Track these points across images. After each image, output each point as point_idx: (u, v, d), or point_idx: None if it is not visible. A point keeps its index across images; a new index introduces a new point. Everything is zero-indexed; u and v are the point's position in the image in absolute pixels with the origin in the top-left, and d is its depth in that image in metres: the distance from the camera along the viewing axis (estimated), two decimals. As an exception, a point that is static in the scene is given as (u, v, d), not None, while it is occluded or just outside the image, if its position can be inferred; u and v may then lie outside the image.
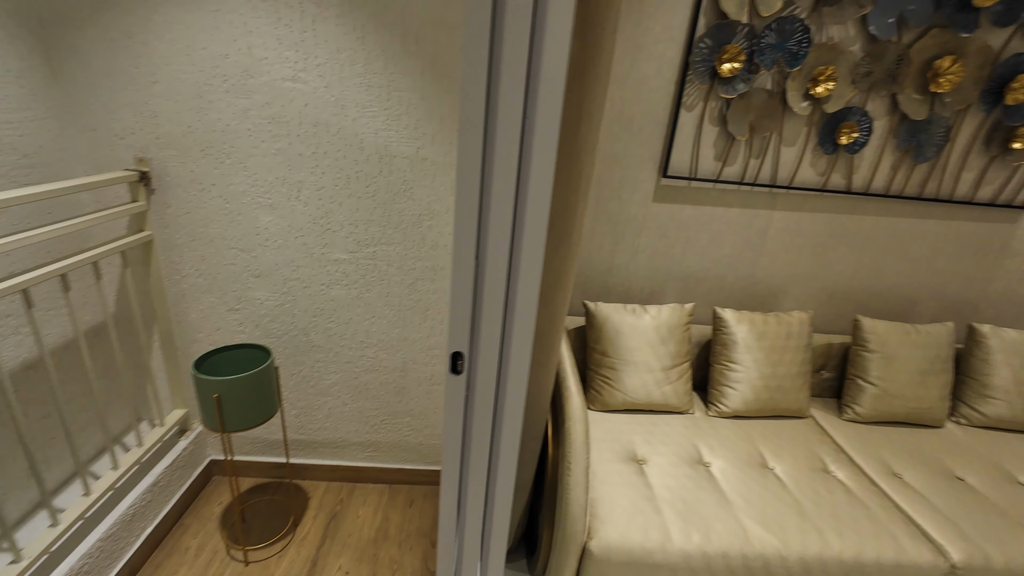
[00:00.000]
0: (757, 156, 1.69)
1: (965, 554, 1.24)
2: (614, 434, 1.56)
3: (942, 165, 1.71)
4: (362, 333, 1.74)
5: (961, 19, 1.51)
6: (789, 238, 1.82)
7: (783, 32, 1.51)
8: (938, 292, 1.92)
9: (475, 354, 0.68)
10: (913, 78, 1.58)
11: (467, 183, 0.62)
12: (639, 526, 1.22)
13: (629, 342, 1.65)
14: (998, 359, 1.76)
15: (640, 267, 1.85)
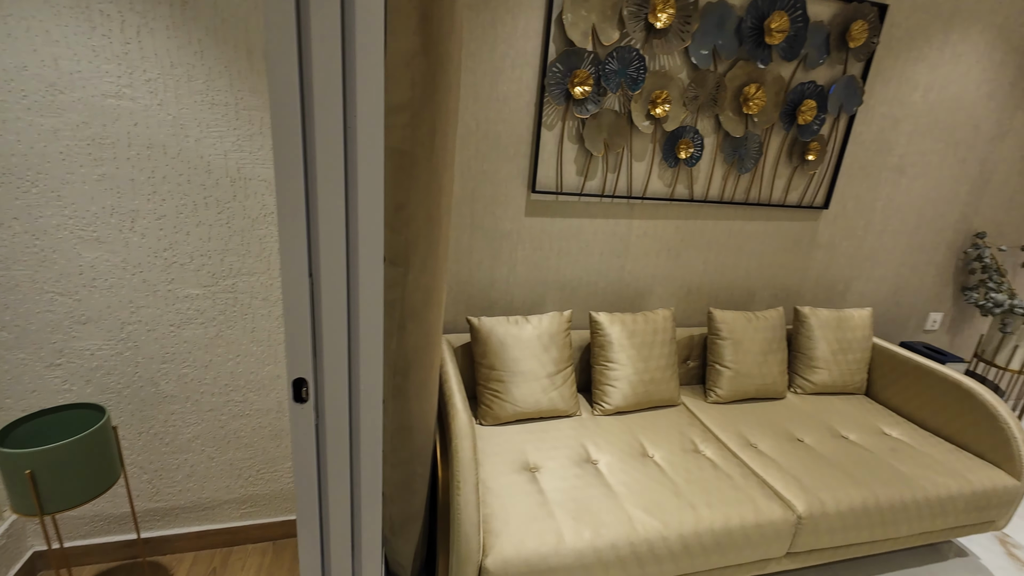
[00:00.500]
0: (613, 170, 1.85)
1: (807, 505, 1.44)
2: (506, 446, 1.57)
3: (760, 175, 2.02)
4: (226, 375, 1.56)
5: (758, 53, 1.80)
6: (648, 243, 2.01)
7: (623, 60, 1.68)
8: (770, 282, 2.24)
9: (321, 379, 0.64)
10: (730, 102, 1.85)
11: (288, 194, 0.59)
12: (534, 534, 1.24)
13: (514, 353, 1.69)
14: (817, 335, 2.09)
15: (519, 279, 1.91)
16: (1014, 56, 2.17)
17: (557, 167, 1.79)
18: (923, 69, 2.06)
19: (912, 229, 2.36)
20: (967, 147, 2.28)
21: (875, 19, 1.89)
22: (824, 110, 1.95)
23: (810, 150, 2.01)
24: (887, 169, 2.20)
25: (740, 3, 1.75)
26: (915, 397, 1.97)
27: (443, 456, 1.35)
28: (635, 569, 1.27)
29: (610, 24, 1.65)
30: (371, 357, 0.67)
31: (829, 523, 1.45)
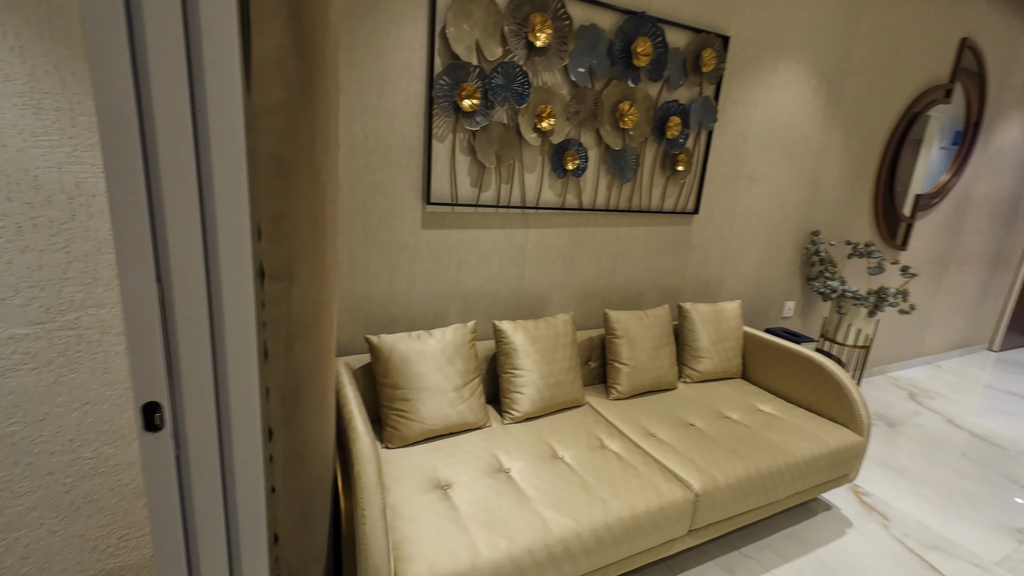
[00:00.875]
0: (506, 181, 1.89)
1: (702, 482, 1.56)
2: (416, 466, 1.50)
3: (639, 184, 2.20)
4: (71, 428, 1.32)
5: (628, 73, 1.98)
6: (544, 251, 2.08)
7: (508, 75, 1.74)
8: (655, 282, 2.43)
9: (179, 402, 0.55)
10: (607, 117, 2.00)
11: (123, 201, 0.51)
12: (447, 552, 1.19)
13: (418, 368, 1.63)
14: (699, 327, 2.30)
15: (420, 293, 1.86)
16: (825, 83, 2.62)
17: (451, 178, 1.79)
18: (762, 92, 2.41)
19: (766, 230, 2.71)
20: (800, 159, 2.69)
21: (721, 48, 2.17)
22: (687, 126, 2.19)
23: (679, 161, 2.23)
24: (742, 178, 2.51)
25: (609, 27, 1.91)
26: (780, 375, 2.24)
27: (345, 485, 1.25)
28: (551, 571, 1.28)
29: (493, 40, 1.70)
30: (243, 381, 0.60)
31: (721, 496, 1.57)
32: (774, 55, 2.38)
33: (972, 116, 3.38)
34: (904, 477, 2.39)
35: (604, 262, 2.24)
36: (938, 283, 3.80)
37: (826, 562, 1.81)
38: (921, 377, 3.78)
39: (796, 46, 2.43)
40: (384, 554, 1.09)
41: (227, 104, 0.53)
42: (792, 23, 2.37)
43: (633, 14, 1.91)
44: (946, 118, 3.28)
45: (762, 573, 1.73)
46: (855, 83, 2.72)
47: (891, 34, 2.74)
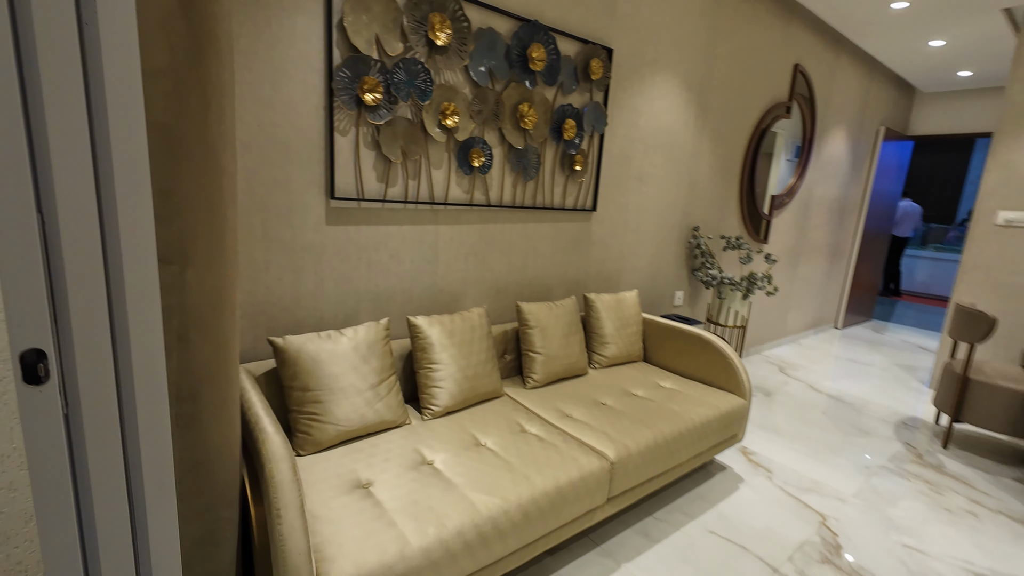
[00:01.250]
0: (414, 177, 1.89)
1: (616, 452, 1.66)
2: (332, 471, 1.43)
3: (542, 182, 2.32)
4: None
5: (525, 76, 2.09)
6: (456, 248, 2.10)
7: (410, 71, 1.76)
8: (562, 275, 2.56)
9: (68, 352, 0.48)
10: (509, 117, 2.09)
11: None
12: (374, 546, 1.14)
13: (331, 369, 1.56)
14: (603, 315, 2.45)
15: (328, 293, 1.79)
16: (694, 96, 2.98)
17: (356, 173, 1.75)
18: (643, 101, 2.67)
19: (654, 227, 2.99)
20: (679, 163, 3.01)
21: (606, 59, 2.38)
22: (582, 129, 2.36)
23: (576, 162, 2.39)
24: (631, 179, 2.75)
25: (506, 32, 2.01)
26: (676, 355, 2.47)
27: (255, 492, 1.15)
28: (482, 551, 1.28)
29: (393, 36, 1.71)
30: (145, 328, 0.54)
31: (634, 462, 1.69)
32: (652, 68, 2.66)
33: (807, 132, 4.03)
34: (780, 436, 2.74)
35: (514, 258, 2.32)
36: (794, 271, 4.44)
37: (725, 513, 2.01)
38: (787, 353, 4.36)
39: (669, 62, 2.74)
40: (304, 554, 1.02)
41: (124, 70, 0.49)
42: (664, 41, 2.68)
43: (527, 21, 2.04)
44: (789, 134, 3.88)
45: (673, 532, 1.87)
46: (718, 97, 3.12)
47: (742, 57, 3.20)
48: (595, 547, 1.77)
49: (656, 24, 2.61)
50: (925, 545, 1.91)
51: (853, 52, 4.24)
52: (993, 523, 2.07)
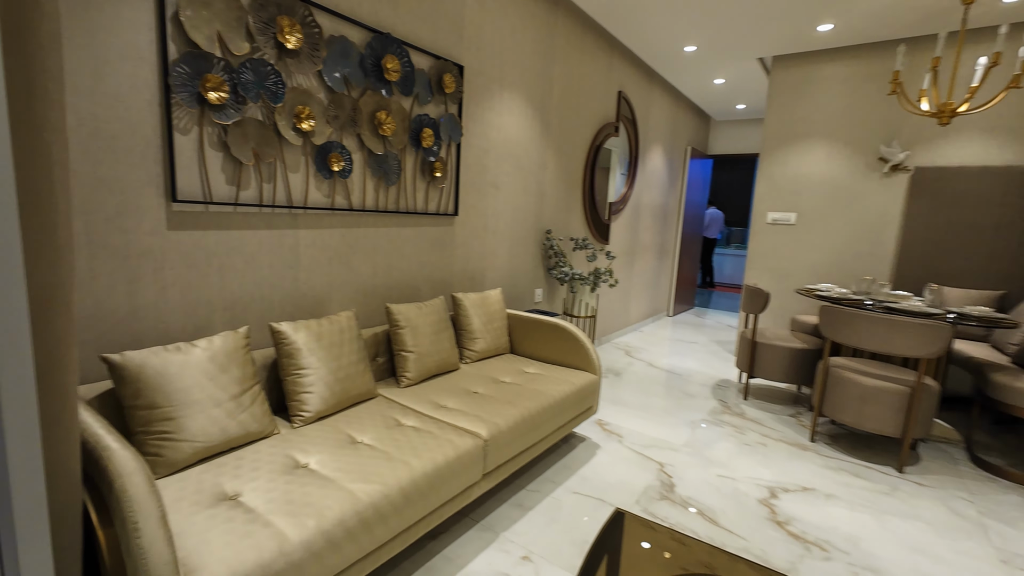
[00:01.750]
0: (269, 180, 1.84)
1: (488, 429, 1.81)
2: (193, 488, 1.33)
3: (404, 187, 2.40)
4: None
5: (381, 85, 2.17)
6: (318, 252, 2.08)
7: (259, 72, 1.73)
8: (428, 277, 2.66)
9: None
10: (367, 124, 2.15)
11: None
12: (249, 547, 1.11)
13: (182, 382, 1.45)
14: (471, 313, 2.61)
15: (174, 304, 1.65)
16: (538, 113, 3.33)
17: (202, 175, 1.65)
18: (494, 115, 2.92)
19: (512, 230, 3.25)
20: (528, 172, 3.33)
21: (458, 74, 2.57)
22: (439, 138, 2.51)
23: (436, 168, 2.53)
24: (487, 185, 2.98)
25: (359, 41, 2.08)
26: (539, 344, 2.72)
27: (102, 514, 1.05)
28: (364, 537, 1.32)
29: (238, 35, 1.67)
30: None
31: (504, 438, 1.86)
32: (499, 86, 2.92)
33: (633, 149, 4.73)
34: (628, 407, 3.17)
35: (379, 261, 2.36)
36: (631, 268, 5.13)
37: (586, 476, 2.29)
38: (631, 339, 5.01)
39: (514, 81, 3.04)
40: (169, 564, 0.96)
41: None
42: (507, 62, 2.97)
43: (379, 33, 2.12)
44: (620, 151, 4.51)
45: (543, 499, 2.08)
46: (557, 116, 3.53)
47: (575, 81, 3.66)
48: (475, 524, 1.89)
49: (499, 46, 2.88)
50: (732, 472, 2.40)
51: (662, 83, 5.09)
52: (776, 449, 2.68)
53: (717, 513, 2.05)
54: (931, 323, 2.37)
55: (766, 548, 1.84)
